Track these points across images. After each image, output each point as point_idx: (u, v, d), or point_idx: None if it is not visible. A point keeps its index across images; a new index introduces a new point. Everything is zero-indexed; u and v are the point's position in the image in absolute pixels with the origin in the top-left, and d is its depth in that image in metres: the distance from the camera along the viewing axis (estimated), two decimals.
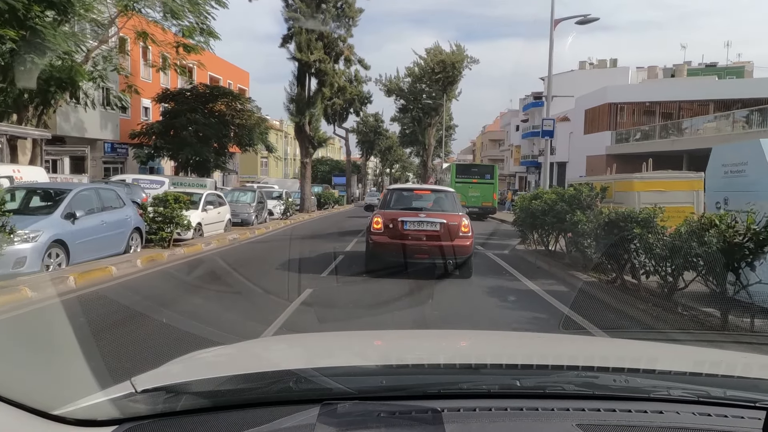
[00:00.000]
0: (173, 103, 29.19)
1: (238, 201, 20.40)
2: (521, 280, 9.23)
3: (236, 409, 1.24)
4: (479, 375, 1.47)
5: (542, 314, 6.83)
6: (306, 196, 28.69)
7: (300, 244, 15.00)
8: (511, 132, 61.17)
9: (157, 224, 11.89)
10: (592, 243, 8.55)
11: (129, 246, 11.08)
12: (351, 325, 6.29)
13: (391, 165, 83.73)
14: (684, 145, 28.43)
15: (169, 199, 12.08)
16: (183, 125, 28.29)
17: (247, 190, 21.41)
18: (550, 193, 10.65)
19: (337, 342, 2.20)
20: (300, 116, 27.32)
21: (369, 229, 9.42)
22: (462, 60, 44.73)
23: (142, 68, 33.07)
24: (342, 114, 47.85)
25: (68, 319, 5.99)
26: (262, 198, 21.63)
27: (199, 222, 14.88)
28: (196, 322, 5.76)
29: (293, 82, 27.93)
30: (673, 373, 1.52)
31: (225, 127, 29.69)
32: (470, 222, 9.42)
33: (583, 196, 9.29)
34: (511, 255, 13.01)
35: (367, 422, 1.16)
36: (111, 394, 1.27)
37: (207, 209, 15.38)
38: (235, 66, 45.46)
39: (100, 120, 26.68)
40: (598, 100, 38.68)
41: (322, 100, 46.97)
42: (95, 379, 2.66)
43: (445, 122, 51.51)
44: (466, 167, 30.20)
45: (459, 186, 28.47)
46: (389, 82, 49.14)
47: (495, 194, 28.77)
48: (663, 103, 36.19)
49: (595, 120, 39.77)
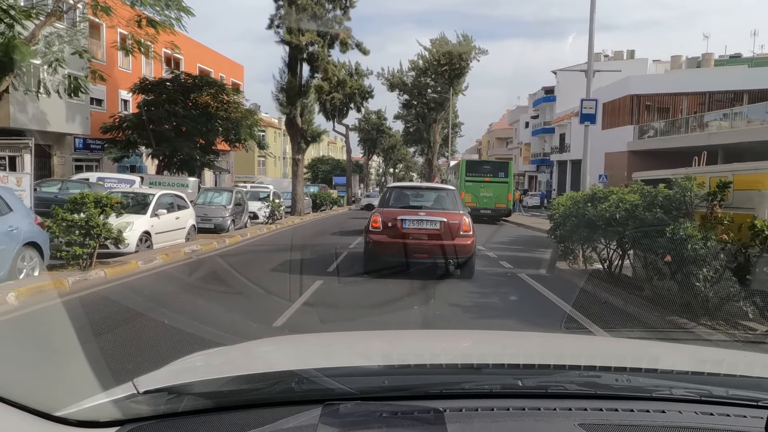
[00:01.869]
0: (152, 94, 25.91)
1: (212, 203, 17.02)
2: (594, 333, 5.76)
3: (238, 410, 1.23)
4: (481, 375, 1.44)
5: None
6: (298, 197, 25.26)
7: (269, 258, 11.62)
8: (520, 129, 57.64)
9: (69, 237, 8.50)
10: (714, 277, 5.11)
11: (18, 269, 7.71)
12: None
13: (395, 164, 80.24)
14: (722, 139, 24.86)
15: (86, 201, 8.69)
16: (161, 118, 25.00)
17: (223, 190, 18.00)
18: (629, 193, 7.17)
19: (339, 342, 2.17)
20: (290, 107, 23.91)
21: (368, 229, 9.02)
22: (470, 51, 41.21)
23: (120, 57, 29.74)
24: (342, 109, 44.43)
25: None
26: (241, 199, 18.23)
27: (147, 231, 11.50)
28: None
29: (283, 69, 24.53)
30: (675, 372, 1.50)
31: (210, 120, 26.38)
32: (471, 221, 9.08)
33: (687, 197, 5.83)
34: (553, 278, 9.52)
35: (370, 422, 1.15)
36: (113, 395, 1.25)
37: (158, 214, 11.98)
38: (228, 59, 42.09)
39: (65, 111, 23.33)
40: (618, 93, 35.12)
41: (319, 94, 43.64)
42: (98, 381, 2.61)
43: (451, 119, 47.99)
44: (477, 164, 26.66)
45: (469, 185, 25.06)
46: (392, 77, 45.65)
47: (510, 194, 25.28)
48: (691, 95, 32.63)
49: (614, 114, 36.22)
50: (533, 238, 18.00)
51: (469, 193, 24.93)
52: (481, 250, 13.62)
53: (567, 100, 45.23)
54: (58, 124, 23.12)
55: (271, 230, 18.31)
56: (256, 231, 17.12)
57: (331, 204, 34.51)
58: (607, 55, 47.89)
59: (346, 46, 23.34)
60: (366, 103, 45.68)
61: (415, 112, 49.02)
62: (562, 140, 45.26)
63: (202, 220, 16.51)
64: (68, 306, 6.63)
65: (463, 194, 24.94)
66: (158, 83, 26.43)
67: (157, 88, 26.13)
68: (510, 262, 11.08)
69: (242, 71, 43.75)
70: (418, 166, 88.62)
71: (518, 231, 21.64)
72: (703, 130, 27.01)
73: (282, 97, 24.04)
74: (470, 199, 24.92)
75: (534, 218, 28.73)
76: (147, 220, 11.59)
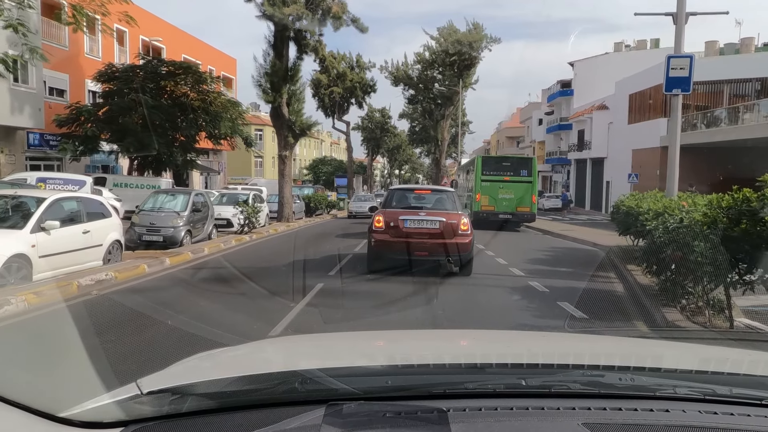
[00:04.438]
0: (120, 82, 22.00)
1: (161, 209, 13.00)
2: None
3: (242, 410, 1.21)
4: (484, 374, 1.42)
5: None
6: (285, 200, 21.16)
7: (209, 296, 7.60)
8: (533, 127, 53.37)
9: None
10: None
11: None
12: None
13: (400, 166, 76.08)
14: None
15: None
16: (125, 108, 21.06)
17: (179, 193, 13.91)
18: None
19: (342, 342, 2.15)
20: (275, 94, 19.86)
21: (371, 228, 9.19)
22: (481, 39, 37.09)
23: (87, 42, 25.84)
24: (342, 105, 40.41)
25: None
26: (203, 204, 14.18)
27: (21, 254, 7.48)
28: None
29: (267, 51, 20.51)
30: (678, 371, 1.47)
31: (186, 112, 22.42)
32: (470, 221, 9.21)
33: None
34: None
35: (373, 422, 1.13)
36: (116, 396, 1.23)
37: (47, 228, 7.95)
38: (219, 51, 38.13)
39: (9, 101, 19.39)
40: (649, 81, 30.77)
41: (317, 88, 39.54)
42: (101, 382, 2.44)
43: (460, 117, 43.82)
44: (495, 161, 22.36)
45: (486, 185, 20.92)
46: (396, 70, 41.55)
47: (534, 196, 21.09)
48: (734, 81, 28.36)
49: (644, 105, 31.92)
50: (574, 252, 13.93)
51: (486, 195, 20.78)
52: (515, 274, 9.55)
53: (586, 93, 40.95)
54: (1, 116, 19.19)
55: (242, 243, 14.25)
56: (218, 245, 13.06)
57: (328, 208, 30.44)
58: (628, 45, 43.56)
59: (340, 21, 19.27)
60: (368, 97, 41.73)
61: (421, 108, 44.92)
62: (580, 137, 40.98)
63: (149, 232, 12.55)
64: None
65: (478, 196, 20.83)
66: (127, 70, 22.54)
67: (127, 75, 22.23)
68: (578, 305, 6.88)
69: (234, 64, 39.75)
70: (425, 168, 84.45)
71: (549, 241, 17.48)
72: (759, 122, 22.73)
73: (265, 82, 20.00)
74: (487, 201, 20.78)
75: (557, 223, 24.52)
76: (22, 237, 7.57)
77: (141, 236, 12.47)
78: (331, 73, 38.31)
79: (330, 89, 38.13)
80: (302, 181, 51.00)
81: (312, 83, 39.41)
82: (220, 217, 17.00)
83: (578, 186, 42.10)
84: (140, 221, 12.62)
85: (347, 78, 38.72)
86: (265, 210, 19.71)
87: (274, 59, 20.00)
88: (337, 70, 38.33)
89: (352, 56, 40.19)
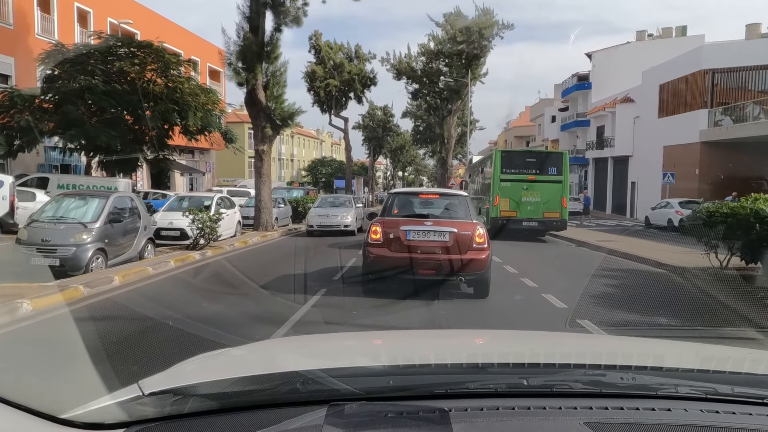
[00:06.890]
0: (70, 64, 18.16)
1: (63, 218, 9.12)
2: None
3: (244, 411, 1.19)
4: (486, 374, 1.40)
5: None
6: (263, 205, 17.20)
7: None
8: (545, 124, 49.32)
9: None
10: None
11: None
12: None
13: (404, 167, 72.12)
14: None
15: None
16: (70, 95, 17.25)
17: (93, 196, 9.91)
18: None
19: (344, 343, 2.13)
20: (248, 74, 15.98)
21: (366, 241, 7.88)
22: (491, 26, 33.15)
23: (38, 20, 22.07)
24: (339, 99, 36.49)
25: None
26: (131, 211, 10.27)
27: None
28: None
29: (241, 24, 16.66)
30: (680, 370, 1.44)
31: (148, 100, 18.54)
32: (486, 231, 7.74)
33: None
34: None
35: (375, 423, 1.13)
36: (118, 398, 1.21)
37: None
38: (203, 39, 34.23)
39: None
40: (684, 69, 26.79)
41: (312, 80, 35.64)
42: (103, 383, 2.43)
43: (468, 113, 39.87)
44: (517, 156, 18.24)
45: (506, 186, 16.97)
46: (399, 62, 37.65)
47: (565, 199, 17.09)
48: None
49: (677, 97, 27.88)
50: (636, 276, 10.04)
51: (506, 198, 16.82)
52: (556, 305, 5.70)
53: (605, 86, 36.93)
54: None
55: (180, 265, 10.29)
56: (145, 269, 9.09)
57: None
58: (651, 34, 39.51)
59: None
60: (368, 91, 37.82)
61: (426, 104, 41.01)
62: (600, 134, 36.96)
63: (40, 251, 8.69)
64: None
65: (497, 199, 16.87)
66: (80, 51, 18.72)
67: (80, 57, 18.42)
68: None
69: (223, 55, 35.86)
70: (429, 169, 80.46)
71: (589, 256, 13.53)
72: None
73: (236, 60, 16.11)
74: (507, 205, 16.83)
75: (586, 231, 20.50)
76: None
77: (29, 258, 8.60)
78: (327, 64, 34.45)
79: (326, 81, 34.26)
80: (300, 183, 47.08)
81: (306, 75, 35.57)
82: (172, 227, 13.16)
83: (597, 187, 38.07)
84: (29, 237, 8.74)
85: (345, 70, 34.84)
86: (236, 217, 15.82)
87: (247, 34, 16.12)
88: (333, 60, 34.46)
89: (351, 47, 36.31)
